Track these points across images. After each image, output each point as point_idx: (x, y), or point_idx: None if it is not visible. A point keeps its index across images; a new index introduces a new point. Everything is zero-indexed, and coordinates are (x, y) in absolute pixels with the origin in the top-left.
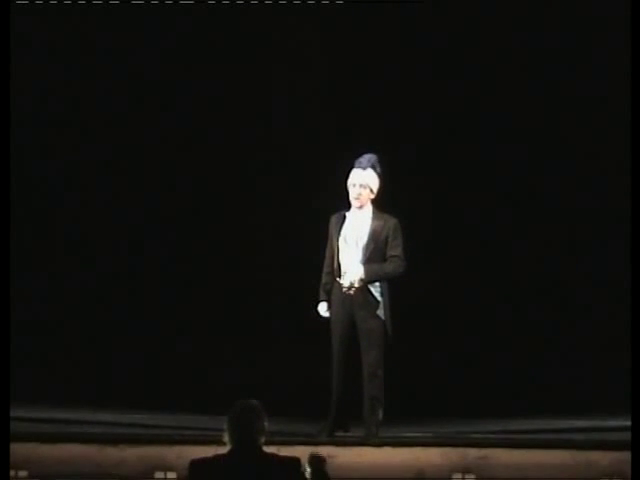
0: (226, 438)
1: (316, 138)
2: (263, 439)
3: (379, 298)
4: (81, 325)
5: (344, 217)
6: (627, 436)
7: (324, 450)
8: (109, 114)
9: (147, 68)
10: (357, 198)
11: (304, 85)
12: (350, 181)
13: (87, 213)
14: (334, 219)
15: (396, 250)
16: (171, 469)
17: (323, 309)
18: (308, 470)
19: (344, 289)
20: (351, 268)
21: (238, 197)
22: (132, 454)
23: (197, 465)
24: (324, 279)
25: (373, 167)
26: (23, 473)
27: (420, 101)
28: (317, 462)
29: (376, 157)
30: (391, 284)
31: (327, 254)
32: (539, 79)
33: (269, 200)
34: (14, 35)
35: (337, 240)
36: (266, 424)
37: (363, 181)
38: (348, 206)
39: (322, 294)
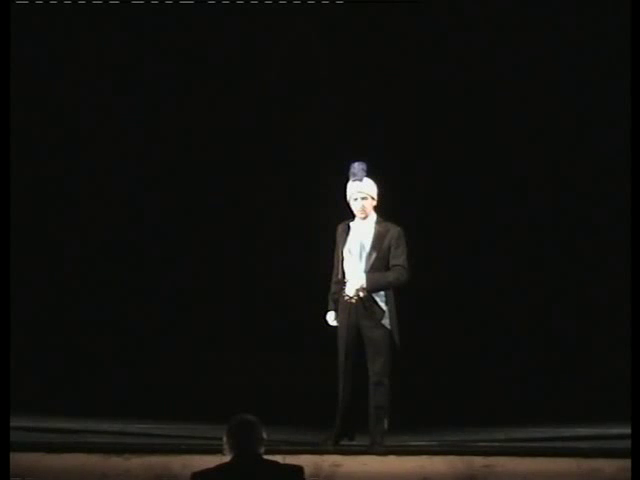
0: (226, 450)
1: (316, 140)
2: (263, 449)
3: (384, 307)
4: (85, 336)
5: (349, 227)
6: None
7: (329, 459)
8: (109, 114)
9: (147, 68)
10: (361, 210)
11: (304, 85)
12: (351, 195)
13: (86, 216)
14: (340, 228)
15: (399, 259)
16: (176, 478)
17: (331, 318)
18: None
19: (346, 298)
20: (353, 277)
21: (241, 205)
22: (137, 464)
23: (199, 477)
24: (332, 288)
25: (368, 175)
26: None
27: (420, 102)
28: None
29: (365, 164)
30: (397, 293)
31: (334, 263)
32: (539, 80)
33: (272, 209)
34: (14, 35)
35: (342, 250)
36: (264, 434)
37: (364, 193)
38: (352, 216)
39: (330, 303)
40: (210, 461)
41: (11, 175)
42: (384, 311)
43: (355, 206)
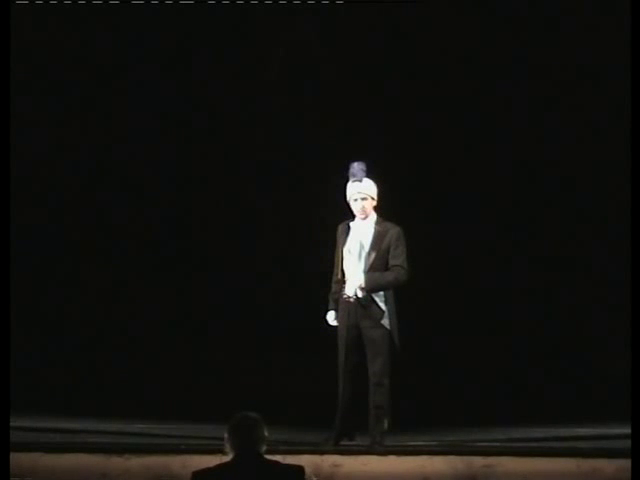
0: (227, 448)
1: (316, 140)
2: (264, 447)
3: (383, 307)
4: (85, 336)
5: (349, 227)
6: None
7: (329, 459)
8: (109, 114)
9: (147, 68)
10: (361, 210)
11: (304, 85)
12: (350, 196)
13: (85, 218)
14: (340, 228)
15: (398, 259)
16: (176, 478)
17: (331, 318)
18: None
19: (344, 297)
20: (352, 277)
21: (241, 205)
22: (137, 463)
23: (199, 476)
24: (333, 288)
25: (368, 176)
26: None
27: (420, 101)
28: None
29: (364, 164)
30: (397, 293)
31: (335, 263)
32: (540, 80)
33: (272, 209)
34: (14, 35)
35: (342, 250)
36: (266, 433)
37: (363, 193)
38: (352, 216)
39: (331, 303)
40: (210, 461)
41: (11, 174)
42: (383, 311)
43: (355, 207)
